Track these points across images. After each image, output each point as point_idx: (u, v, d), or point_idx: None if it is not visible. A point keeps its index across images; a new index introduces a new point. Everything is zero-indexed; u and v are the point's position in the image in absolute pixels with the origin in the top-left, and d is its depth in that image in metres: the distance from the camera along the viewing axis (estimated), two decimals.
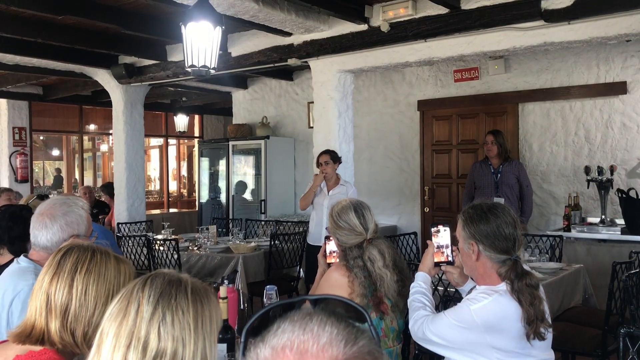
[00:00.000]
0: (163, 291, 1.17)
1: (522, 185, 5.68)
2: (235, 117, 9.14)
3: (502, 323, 1.99)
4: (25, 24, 5.48)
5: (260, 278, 5.32)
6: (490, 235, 2.05)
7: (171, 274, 1.23)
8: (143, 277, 1.22)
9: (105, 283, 1.58)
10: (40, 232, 2.18)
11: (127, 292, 1.19)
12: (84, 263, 1.57)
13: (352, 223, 2.54)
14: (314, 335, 0.72)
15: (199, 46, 3.93)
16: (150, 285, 1.18)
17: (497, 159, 5.72)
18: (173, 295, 1.18)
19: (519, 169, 5.71)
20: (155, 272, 1.23)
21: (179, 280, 1.21)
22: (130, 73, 7.09)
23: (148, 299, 1.16)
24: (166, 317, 1.14)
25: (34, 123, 9.65)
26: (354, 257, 2.50)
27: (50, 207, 2.23)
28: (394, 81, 7.48)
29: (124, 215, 7.51)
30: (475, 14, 4.69)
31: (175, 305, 1.16)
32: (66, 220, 2.22)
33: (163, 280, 1.20)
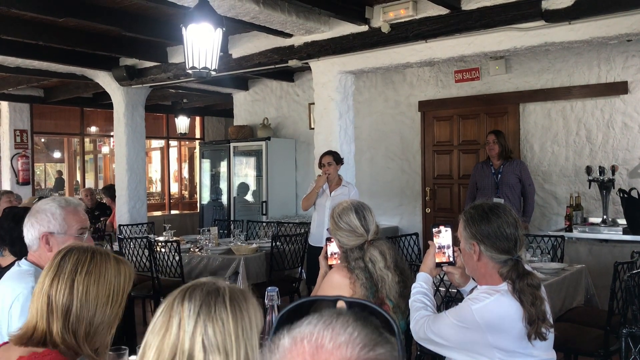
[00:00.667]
0: (202, 303, 1.19)
1: (525, 185, 5.67)
2: (236, 118, 9.15)
3: (504, 323, 1.99)
4: (27, 27, 5.49)
5: (262, 279, 5.32)
6: (492, 235, 2.04)
7: (209, 283, 1.24)
8: (182, 288, 1.24)
9: (106, 283, 1.59)
10: (28, 233, 2.20)
11: (168, 305, 1.21)
12: (84, 264, 1.58)
13: (353, 224, 2.54)
14: (334, 332, 0.73)
15: (200, 48, 3.93)
16: (189, 298, 1.20)
17: (498, 159, 5.72)
18: (212, 307, 1.19)
19: (520, 168, 5.70)
20: (193, 283, 1.25)
21: (217, 290, 1.23)
22: (131, 75, 7.10)
23: (189, 313, 1.18)
24: (208, 329, 1.17)
25: (36, 125, 9.67)
26: (355, 258, 2.50)
27: (35, 206, 2.24)
28: (395, 82, 7.48)
29: (126, 217, 7.51)
30: (476, 15, 4.69)
31: (215, 317, 1.18)
32: (36, 218, 2.20)
33: (202, 292, 1.21)
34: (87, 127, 10.90)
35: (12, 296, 2.07)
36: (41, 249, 2.20)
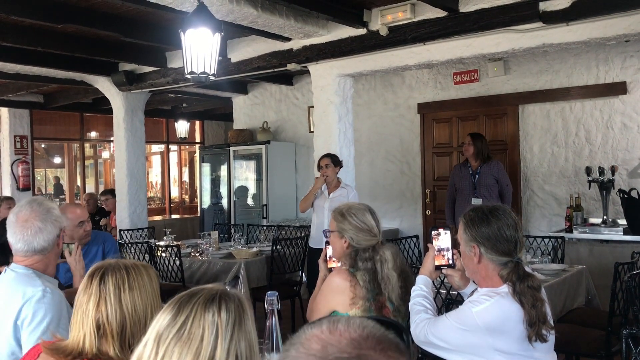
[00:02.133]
0: (237, 316, 1.19)
1: (502, 185, 5.70)
2: (235, 122, 9.16)
3: (504, 325, 1.99)
4: (26, 33, 5.50)
5: (263, 283, 5.32)
6: (492, 237, 2.05)
7: (233, 295, 1.23)
8: (210, 297, 1.20)
9: (147, 292, 1.64)
10: (35, 237, 2.20)
11: (199, 314, 1.17)
12: (124, 281, 1.60)
13: (369, 224, 2.56)
14: (347, 321, 0.81)
15: (199, 53, 3.94)
16: (226, 310, 1.18)
17: (475, 160, 5.75)
18: (243, 320, 1.20)
19: (497, 169, 5.73)
20: (222, 295, 1.22)
21: (241, 302, 1.23)
22: (131, 80, 7.11)
23: (226, 325, 1.17)
24: (241, 343, 1.17)
25: (35, 131, 9.68)
26: (364, 258, 2.50)
27: (32, 211, 2.25)
28: (394, 84, 7.48)
29: (126, 222, 7.51)
30: (474, 17, 4.69)
31: (246, 330, 1.20)
32: (54, 216, 2.27)
33: (234, 303, 1.21)
34: (87, 132, 10.91)
35: (22, 299, 2.07)
36: (54, 250, 2.26)
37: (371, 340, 0.76)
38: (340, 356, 0.74)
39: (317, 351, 0.76)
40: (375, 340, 0.77)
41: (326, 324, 0.80)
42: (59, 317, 2.08)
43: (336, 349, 0.75)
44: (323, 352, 0.75)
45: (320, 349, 0.76)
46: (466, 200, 5.61)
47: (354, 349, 0.75)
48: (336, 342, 0.76)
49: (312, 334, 0.79)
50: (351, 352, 0.74)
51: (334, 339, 0.77)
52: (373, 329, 0.79)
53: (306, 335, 0.80)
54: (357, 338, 0.77)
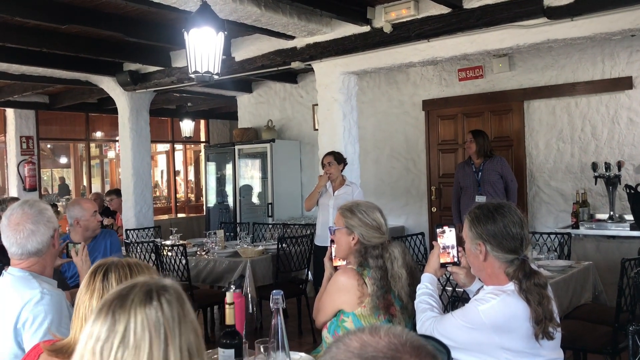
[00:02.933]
0: (179, 309, 1.08)
1: (507, 181, 5.68)
2: (240, 121, 9.16)
3: (511, 323, 1.99)
4: (30, 34, 5.52)
5: (269, 282, 5.32)
6: (498, 235, 2.04)
7: (168, 285, 1.11)
8: (146, 295, 1.07)
9: None
10: (28, 239, 2.19)
11: (138, 318, 1.04)
12: (126, 278, 1.56)
13: (379, 221, 2.55)
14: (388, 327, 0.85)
15: (202, 52, 3.94)
16: (167, 304, 1.07)
17: (477, 158, 5.74)
18: (184, 311, 1.09)
19: (501, 165, 5.70)
20: (158, 288, 1.09)
21: (178, 292, 1.11)
22: (135, 80, 7.12)
23: (172, 322, 1.06)
24: (190, 335, 1.08)
25: (41, 132, 9.72)
26: (375, 255, 2.49)
27: (23, 213, 2.23)
28: (398, 81, 7.47)
29: (132, 222, 7.54)
30: (478, 13, 4.68)
31: (189, 320, 1.10)
32: (46, 217, 2.25)
33: (171, 295, 1.09)
34: (92, 132, 10.95)
35: (20, 303, 2.07)
36: (50, 251, 2.25)
37: (409, 346, 0.80)
38: (376, 355, 0.79)
39: (355, 349, 0.81)
40: (412, 347, 0.81)
41: (369, 329, 0.85)
42: (59, 317, 2.09)
43: (373, 349, 0.80)
44: (361, 350, 0.80)
45: (359, 347, 0.81)
46: (471, 198, 5.60)
47: (390, 350, 0.79)
48: (375, 343, 0.81)
49: (354, 334, 0.84)
50: (387, 353, 0.79)
51: (373, 340, 0.81)
52: (413, 337, 0.83)
53: (349, 336, 0.85)
54: (396, 342, 0.81)
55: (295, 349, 2.30)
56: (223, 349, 2.07)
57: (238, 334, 2.11)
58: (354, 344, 0.82)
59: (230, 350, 2.06)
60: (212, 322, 5.93)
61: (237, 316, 2.14)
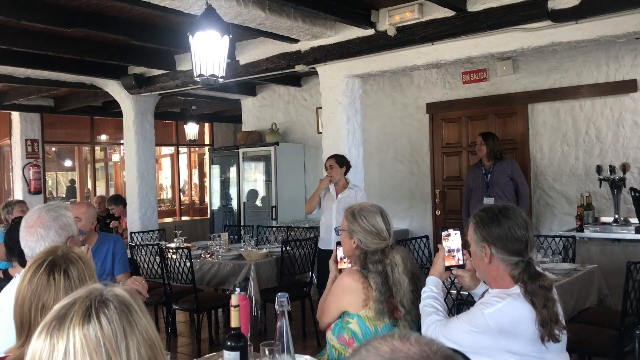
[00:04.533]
0: (123, 322, 1.00)
1: (517, 183, 5.67)
2: (244, 124, 9.18)
3: (517, 327, 1.99)
4: (36, 38, 5.55)
5: (273, 284, 5.33)
6: (502, 237, 2.04)
7: (111, 295, 1.04)
8: (84, 314, 0.99)
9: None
10: (37, 243, 2.19)
11: (76, 340, 0.96)
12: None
13: (378, 227, 2.53)
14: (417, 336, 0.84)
15: (207, 55, 3.95)
16: (108, 321, 0.99)
17: (488, 160, 5.74)
18: (134, 322, 1.02)
19: (511, 168, 5.70)
20: (96, 303, 1.01)
21: (124, 301, 1.04)
22: (140, 83, 7.15)
23: (114, 336, 0.98)
24: (140, 347, 1.00)
25: (46, 135, 9.76)
26: (374, 261, 2.48)
27: (38, 217, 2.23)
28: (402, 84, 7.48)
29: (137, 224, 7.55)
30: (482, 16, 4.68)
31: (140, 332, 1.02)
32: (59, 224, 2.24)
33: (115, 308, 1.01)
34: (97, 135, 10.98)
35: None
36: None
37: (439, 355, 0.80)
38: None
39: (385, 353, 0.81)
40: (443, 356, 0.81)
41: (399, 334, 0.84)
42: None
43: (404, 355, 0.79)
44: (391, 354, 0.80)
45: (389, 352, 0.80)
46: (479, 200, 5.59)
47: (422, 357, 0.79)
48: (406, 349, 0.80)
49: (384, 339, 0.83)
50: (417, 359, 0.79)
51: (404, 346, 0.81)
52: (443, 347, 0.83)
53: (378, 340, 0.84)
54: (427, 351, 0.80)
55: (299, 352, 2.30)
56: (228, 352, 2.08)
57: (243, 336, 2.11)
58: (384, 348, 0.82)
59: (236, 353, 2.07)
60: (216, 324, 5.94)
61: (242, 319, 2.14)
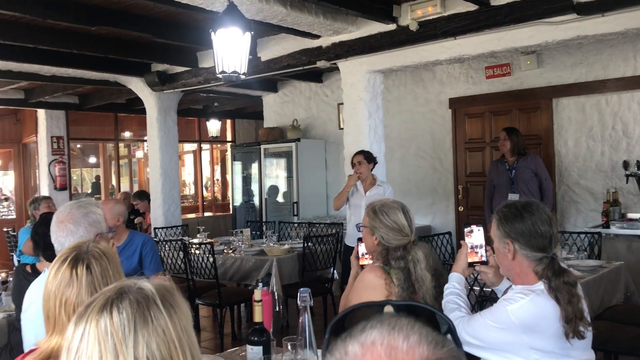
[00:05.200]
0: (136, 315, 1.00)
1: (541, 179, 5.59)
2: (266, 120, 9.21)
3: (540, 323, 1.96)
4: (61, 36, 5.63)
5: (295, 280, 5.35)
6: (526, 233, 2.02)
7: (133, 288, 1.05)
8: (103, 305, 1.01)
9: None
10: (67, 238, 2.22)
11: (91, 326, 0.99)
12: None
13: (400, 224, 2.51)
14: (404, 333, 0.72)
15: (229, 52, 3.97)
16: (118, 311, 1.00)
17: (511, 155, 5.66)
18: (149, 317, 1.01)
19: (535, 163, 5.62)
20: (117, 295, 1.03)
21: (145, 295, 1.04)
22: (163, 80, 7.21)
23: (123, 331, 0.98)
24: (151, 344, 0.99)
25: (71, 132, 9.90)
26: (396, 257, 2.47)
27: (69, 213, 2.26)
28: (425, 80, 7.43)
29: (161, 220, 7.64)
30: (506, 10, 4.62)
31: (155, 327, 1.01)
32: (89, 221, 2.27)
33: (130, 301, 1.02)
34: (121, 132, 11.11)
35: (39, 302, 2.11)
36: None
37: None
38: None
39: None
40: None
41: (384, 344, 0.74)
42: None
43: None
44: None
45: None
46: (504, 196, 5.51)
47: None
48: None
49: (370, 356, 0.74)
50: None
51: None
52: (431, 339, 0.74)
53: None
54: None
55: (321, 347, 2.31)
56: (251, 346, 2.09)
57: (266, 331, 2.13)
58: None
59: (259, 347, 2.08)
60: (239, 319, 5.98)
61: (265, 314, 2.15)
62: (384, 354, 0.71)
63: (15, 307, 3.03)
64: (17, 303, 2.92)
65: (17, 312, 2.85)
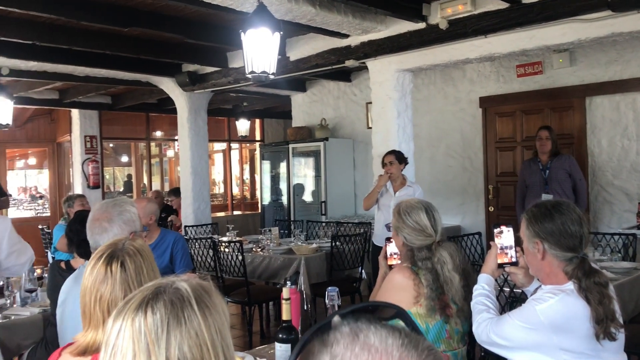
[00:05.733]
0: (169, 316, 1.01)
1: (575, 180, 5.48)
2: (294, 120, 9.24)
3: (570, 323, 1.94)
4: (94, 37, 5.74)
5: (323, 279, 5.36)
6: (556, 233, 1.99)
7: (168, 288, 1.05)
8: (140, 303, 1.03)
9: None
10: (101, 236, 2.27)
11: (126, 324, 1.01)
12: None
13: (422, 224, 2.51)
14: (385, 352, 0.69)
15: (259, 52, 4.00)
16: (153, 313, 1.01)
17: (547, 155, 5.55)
18: (182, 318, 1.02)
19: (570, 163, 5.50)
20: (154, 294, 1.04)
21: (180, 295, 1.05)
22: (194, 80, 7.30)
23: (156, 331, 0.99)
24: (183, 346, 1.00)
25: (104, 131, 10.09)
26: (422, 258, 2.47)
27: (104, 211, 2.31)
28: (455, 78, 7.36)
29: (191, 218, 7.73)
30: (537, 7, 4.55)
31: (188, 329, 1.01)
32: (123, 219, 2.31)
33: (165, 301, 1.03)
34: (152, 131, 11.28)
35: (74, 298, 2.17)
36: None
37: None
38: None
39: None
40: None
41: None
42: None
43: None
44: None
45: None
46: (537, 196, 5.40)
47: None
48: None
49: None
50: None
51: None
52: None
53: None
54: None
55: None
56: (280, 344, 2.11)
57: (294, 329, 2.14)
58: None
59: (287, 345, 2.10)
60: (267, 318, 6.02)
61: (293, 312, 2.17)
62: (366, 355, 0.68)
63: (50, 302, 3.11)
64: (52, 299, 3.00)
65: (52, 307, 2.92)
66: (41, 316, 3.41)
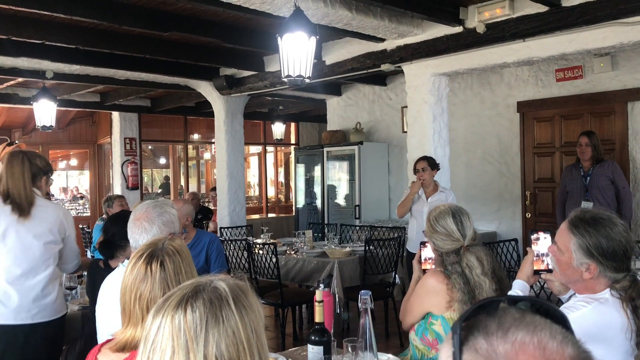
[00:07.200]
0: (208, 314, 1.03)
1: (618, 187, 5.32)
2: (329, 123, 9.27)
3: (604, 332, 1.88)
4: (135, 42, 5.88)
5: (356, 283, 5.35)
6: (609, 255, 1.88)
7: (207, 287, 1.07)
8: (180, 301, 1.05)
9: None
10: (141, 235, 2.32)
11: (167, 321, 1.03)
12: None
13: (449, 228, 2.51)
14: (548, 333, 0.75)
15: (295, 56, 4.03)
16: (192, 309, 1.03)
17: (589, 162, 5.41)
18: (220, 317, 1.03)
19: (613, 170, 5.34)
20: (193, 292, 1.06)
21: (219, 294, 1.06)
22: (231, 84, 7.39)
23: (195, 329, 1.01)
24: (220, 345, 1.02)
25: (143, 133, 10.30)
26: (451, 262, 2.47)
27: (145, 211, 2.36)
28: (492, 82, 7.28)
29: (226, 220, 7.83)
30: (578, 11, 4.47)
31: (226, 328, 1.03)
32: (163, 220, 2.36)
33: (204, 300, 1.05)
34: (190, 134, 11.47)
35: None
36: None
37: None
38: None
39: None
40: None
41: (535, 344, 0.75)
42: None
43: None
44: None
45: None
46: (576, 203, 5.28)
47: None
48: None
49: (524, 355, 0.75)
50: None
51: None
52: (573, 339, 0.78)
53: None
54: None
55: (381, 351, 2.31)
56: (312, 346, 2.12)
57: (327, 331, 2.15)
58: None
59: (319, 347, 2.11)
60: (300, 320, 6.05)
61: (326, 314, 2.18)
62: (537, 354, 0.73)
63: (89, 300, 3.19)
64: (91, 296, 3.08)
65: (91, 304, 3.00)
66: (80, 313, 3.51)
